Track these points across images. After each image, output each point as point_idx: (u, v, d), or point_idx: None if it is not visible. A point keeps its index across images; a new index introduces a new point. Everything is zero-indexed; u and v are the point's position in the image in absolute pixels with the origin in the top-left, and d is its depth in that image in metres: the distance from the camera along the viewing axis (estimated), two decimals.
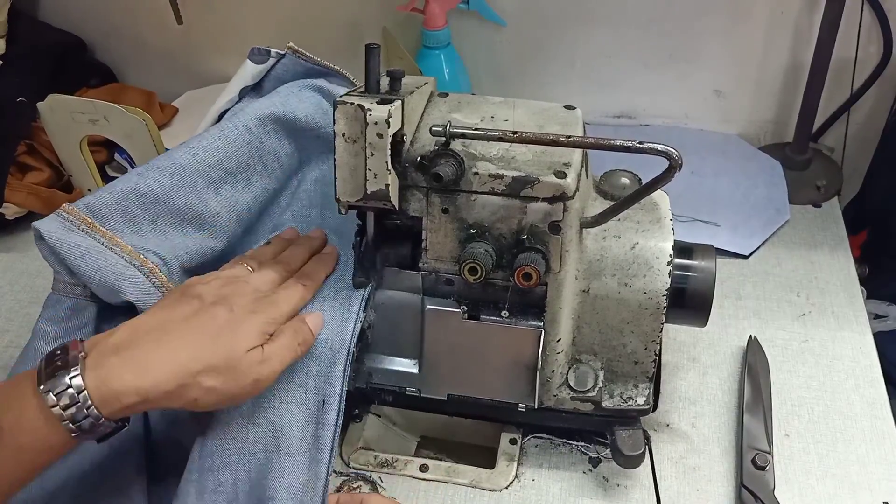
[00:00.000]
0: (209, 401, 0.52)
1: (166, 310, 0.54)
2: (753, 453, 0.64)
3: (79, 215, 0.61)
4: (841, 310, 0.79)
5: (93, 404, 0.48)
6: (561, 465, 0.66)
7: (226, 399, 0.53)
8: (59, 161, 0.91)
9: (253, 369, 0.53)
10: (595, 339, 0.62)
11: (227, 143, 0.65)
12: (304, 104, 0.68)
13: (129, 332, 0.52)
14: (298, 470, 0.56)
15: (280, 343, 0.55)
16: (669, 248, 0.60)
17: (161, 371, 0.50)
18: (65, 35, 1.08)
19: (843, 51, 0.90)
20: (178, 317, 0.53)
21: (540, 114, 0.62)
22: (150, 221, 0.63)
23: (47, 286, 0.84)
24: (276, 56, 0.73)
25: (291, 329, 0.56)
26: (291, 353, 0.56)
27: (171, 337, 0.52)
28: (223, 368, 0.52)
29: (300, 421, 0.57)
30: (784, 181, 0.93)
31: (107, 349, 0.51)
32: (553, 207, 0.56)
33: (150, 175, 0.63)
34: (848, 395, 0.71)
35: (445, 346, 0.62)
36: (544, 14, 0.97)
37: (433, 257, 0.60)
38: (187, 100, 1.08)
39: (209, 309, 0.54)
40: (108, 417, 0.49)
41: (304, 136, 0.69)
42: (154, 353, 0.51)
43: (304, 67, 0.72)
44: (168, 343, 0.52)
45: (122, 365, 0.50)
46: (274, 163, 0.68)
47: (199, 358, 0.51)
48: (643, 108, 1.03)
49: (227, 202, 0.66)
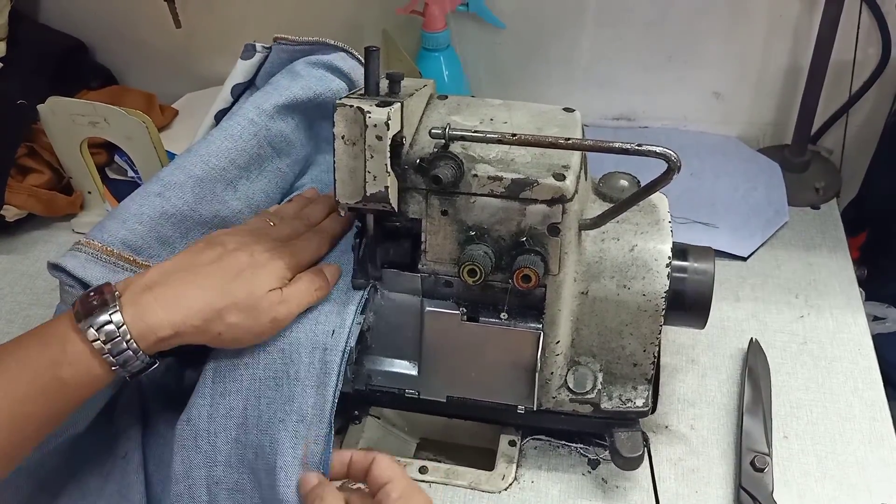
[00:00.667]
0: (231, 335, 0.56)
1: (193, 255, 0.58)
2: (752, 455, 0.65)
3: (120, 255, 0.62)
4: (840, 312, 0.79)
5: (132, 337, 0.52)
6: (560, 467, 0.66)
7: (246, 335, 0.57)
8: (60, 163, 0.91)
9: (272, 309, 0.57)
10: (594, 341, 0.62)
11: (234, 141, 0.66)
12: (298, 80, 0.70)
13: (160, 273, 0.56)
14: (307, 394, 0.58)
15: (298, 287, 0.59)
16: (668, 250, 0.60)
17: (190, 306, 0.54)
18: (65, 37, 1.08)
19: (842, 53, 0.90)
20: (203, 260, 0.57)
21: (539, 116, 0.62)
22: (181, 238, 0.65)
23: (47, 288, 0.86)
24: (263, 50, 0.74)
25: (309, 275, 0.60)
26: (308, 296, 0.59)
27: (197, 277, 0.56)
28: (244, 306, 0.56)
29: (307, 347, 0.59)
30: (783, 183, 0.93)
31: (139, 288, 0.55)
32: (552, 209, 0.56)
33: (172, 194, 0.63)
34: (847, 396, 0.71)
35: (445, 347, 0.63)
36: (543, 16, 0.97)
37: (432, 259, 0.60)
38: (187, 102, 1.08)
39: (232, 254, 0.58)
40: (145, 350, 0.53)
41: (307, 108, 0.70)
42: (183, 290, 0.55)
43: (290, 53, 0.73)
44: (195, 282, 0.56)
45: (156, 301, 0.54)
46: (282, 143, 0.70)
47: (223, 295, 0.55)
48: (642, 110, 1.03)
49: (246, 196, 0.68)
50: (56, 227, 0.94)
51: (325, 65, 0.71)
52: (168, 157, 0.86)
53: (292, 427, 0.57)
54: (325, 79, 0.70)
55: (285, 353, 0.59)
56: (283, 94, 0.68)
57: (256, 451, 0.58)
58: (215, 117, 0.75)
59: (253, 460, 0.58)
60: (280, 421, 0.57)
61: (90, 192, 0.92)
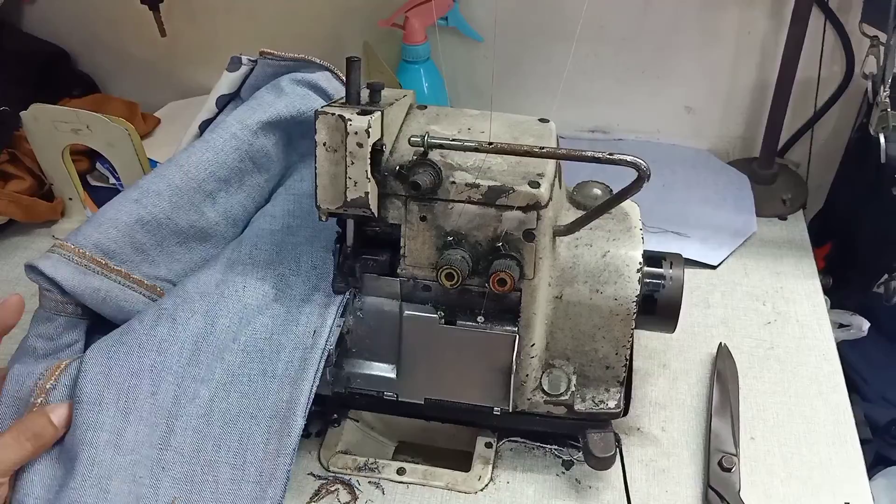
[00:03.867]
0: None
1: None
2: (720, 456, 0.67)
3: (92, 258, 0.62)
4: (805, 319, 0.82)
5: None
6: (535, 468, 0.68)
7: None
8: (41, 170, 0.92)
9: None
10: (568, 344, 0.64)
11: (216, 153, 0.67)
12: (282, 97, 0.71)
13: None
14: (283, 391, 0.58)
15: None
16: (639, 256, 0.62)
17: None
18: (48, 45, 1.09)
19: (807, 70, 0.94)
20: None
21: (515, 126, 0.64)
22: (156, 246, 0.65)
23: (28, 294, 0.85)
24: (249, 63, 0.75)
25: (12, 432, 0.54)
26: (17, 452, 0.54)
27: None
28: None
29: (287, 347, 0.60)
30: (751, 195, 0.96)
31: None
32: (527, 216, 0.58)
33: (148, 201, 0.64)
34: (811, 400, 0.73)
35: (423, 350, 0.64)
36: (521, 31, 0.99)
37: (411, 264, 0.62)
38: (170, 110, 1.09)
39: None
40: None
41: (288, 125, 0.71)
42: None
43: (275, 67, 0.74)
44: None
45: None
46: (263, 158, 0.71)
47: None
48: (617, 123, 1.06)
49: (224, 209, 0.68)
50: (37, 234, 0.94)
51: (309, 83, 0.72)
52: (150, 164, 0.87)
53: (265, 423, 0.58)
54: (309, 97, 0.72)
55: (264, 353, 0.60)
56: (267, 111, 0.69)
57: (218, 443, 0.58)
58: (199, 127, 0.77)
59: (212, 452, 0.58)
60: (251, 416, 0.58)
61: (71, 198, 0.93)
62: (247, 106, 0.70)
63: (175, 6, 1.02)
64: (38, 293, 0.63)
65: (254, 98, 0.72)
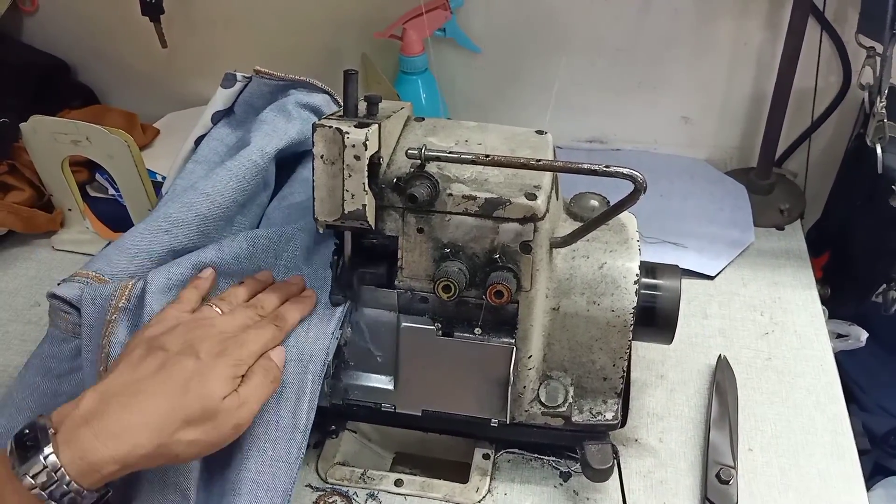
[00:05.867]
0: (191, 453, 0.52)
1: (131, 368, 0.53)
2: (718, 468, 0.66)
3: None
4: (803, 329, 0.82)
5: (71, 479, 0.47)
6: (532, 480, 0.68)
7: (208, 448, 0.53)
8: (41, 181, 0.92)
9: (232, 415, 0.53)
10: (565, 355, 0.64)
11: (239, 182, 0.69)
12: (293, 122, 0.74)
13: (97, 400, 0.50)
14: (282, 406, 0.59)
15: (254, 383, 0.55)
16: (636, 267, 0.63)
17: (136, 435, 0.49)
18: (48, 57, 1.09)
19: (804, 80, 0.94)
20: (144, 374, 0.52)
21: (512, 138, 0.64)
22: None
23: (27, 304, 0.86)
24: (243, 80, 0.77)
25: (261, 368, 0.56)
26: (266, 390, 0.56)
27: (140, 398, 0.50)
28: (201, 420, 0.51)
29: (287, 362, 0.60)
30: (749, 205, 0.96)
31: (76, 421, 0.49)
32: (524, 228, 0.58)
33: (179, 231, 0.66)
34: (809, 411, 0.73)
35: (420, 362, 0.64)
36: (519, 42, 1.00)
37: (408, 276, 0.62)
38: (169, 121, 1.09)
39: (175, 359, 0.53)
40: (89, 488, 0.48)
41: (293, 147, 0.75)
42: (125, 418, 0.49)
43: (271, 87, 0.77)
44: (138, 405, 0.50)
45: (95, 436, 0.48)
46: (270, 178, 0.74)
47: (173, 415, 0.50)
48: (614, 133, 1.06)
49: (238, 229, 0.70)
50: (36, 244, 0.94)
51: (312, 108, 0.76)
52: (150, 175, 0.87)
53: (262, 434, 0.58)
54: (311, 121, 0.73)
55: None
56: (282, 138, 0.72)
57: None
58: (195, 142, 0.78)
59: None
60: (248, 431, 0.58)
61: (70, 209, 0.93)
62: (262, 133, 0.72)
63: (175, 18, 1.03)
64: (51, 313, 0.63)
65: (265, 122, 0.74)
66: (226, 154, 0.77)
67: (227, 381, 0.53)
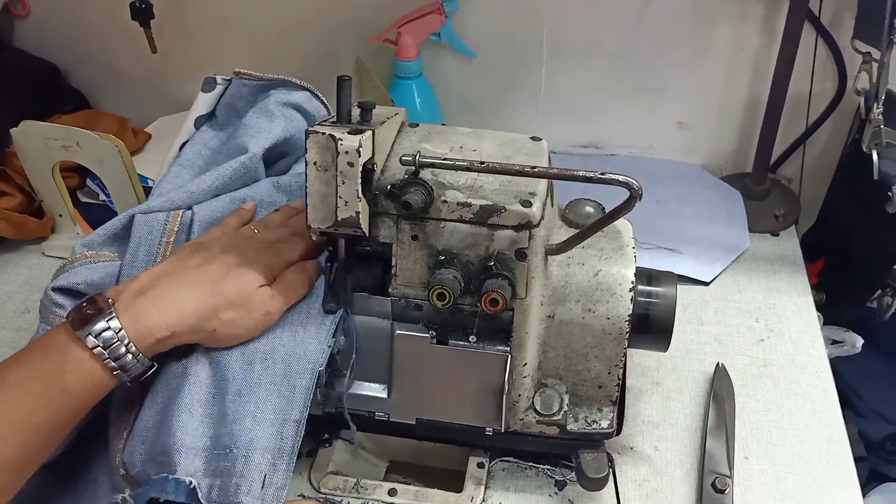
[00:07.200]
0: (227, 332, 0.58)
1: (181, 260, 0.61)
2: (713, 477, 0.66)
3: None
4: (798, 335, 0.81)
5: (130, 341, 0.54)
6: (527, 488, 0.67)
7: (241, 330, 0.59)
8: (31, 186, 0.91)
9: (265, 303, 0.60)
10: (560, 363, 0.64)
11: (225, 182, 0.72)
12: (276, 120, 0.75)
13: (150, 278, 0.58)
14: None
15: (286, 280, 0.62)
16: (631, 275, 0.62)
17: (184, 306, 0.57)
18: (38, 61, 1.08)
19: (799, 86, 0.94)
20: (191, 264, 0.60)
21: (507, 144, 0.64)
22: None
23: (17, 311, 0.85)
24: (223, 82, 0.78)
25: (294, 270, 0.63)
26: (298, 289, 0.62)
27: (188, 278, 0.58)
28: (238, 302, 0.58)
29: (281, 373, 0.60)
30: (744, 210, 0.96)
31: (132, 293, 0.57)
32: (519, 235, 0.58)
33: None
34: (805, 418, 0.73)
35: (414, 370, 0.63)
36: (514, 47, 0.99)
37: (403, 283, 0.61)
38: (161, 125, 1.09)
39: (218, 257, 0.61)
40: (143, 353, 0.55)
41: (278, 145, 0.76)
42: (175, 292, 0.57)
43: (251, 87, 0.77)
44: (186, 283, 0.58)
45: (150, 304, 0.56)
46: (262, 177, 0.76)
47: (214, 293, 0.58)
48: (609, 139, 1.06)
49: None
50: (27, 250, 0.93)
51: (294, 105, 0.77)
52: (141, 180, 0.86)
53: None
54: (294, 118, 0.77)
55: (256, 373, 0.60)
56: (268, 138, 0.74)
57: None
58: (179, 148, 0.79)
59: None
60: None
61: (61, 215, 0.92)
62: (247, 136, 0.74)
63: (166, 22, 1.02)
64: (42, 311, 0.65)
65: (249, 126, 0.75)
66: (209, 157, 0.78)
67: (263, 276, 0.60)
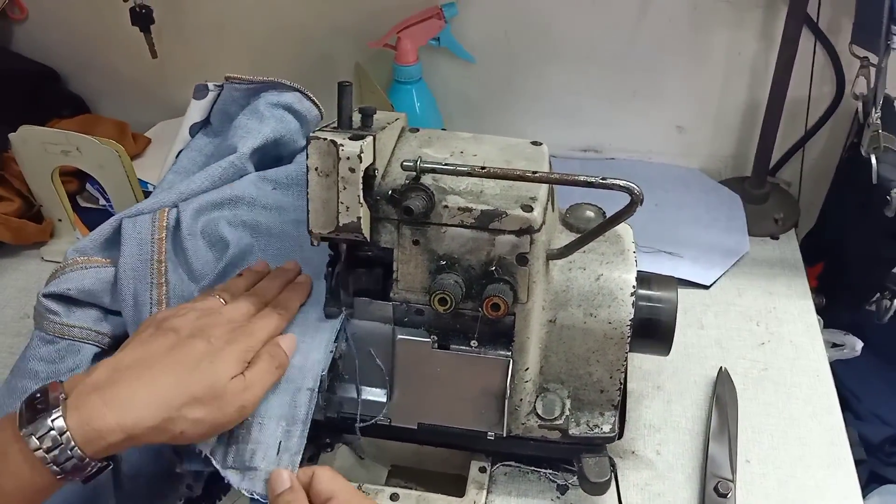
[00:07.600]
0: (196, 432, 0.53)
1: (144, 345, 0.55)
2: (716, 481, 0.66)
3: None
4: (799, 339, 0.81)
5: (76, 445, 0.48)
6: (529, 493, 0.67)
7: (212, 429, 0.54)
8: (30, 191, 0.91)
9: (237, 397, 0.54)
10: (562, 367, 0.64)
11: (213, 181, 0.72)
12: (266, 122, 0.76)
13: (109, 370, 0.52)
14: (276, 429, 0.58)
15: (259, 368, 0.56)
16: (633, 279, 0.62)
17: (144, 407, 0.50)
18: (38, 66, 1.08)
19: (798, 90, 0.94)
20: (156, 351, 0.54)
21: (507, 149, 0.64)
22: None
23: (15, 316, 0.85)
24: (215, 89, 0.79)
25: (268, 354, 0.58)
26: (271, 376, 0.57)
27: (151, 371, 0.52)
28: (207, 398, 0.52)
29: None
30: (743, 214, 0.96)
31: (87, 388, 0.50)
32: (520, 240, 0.58)
33: None
34: (806, 421, 0.73)
35: (416, 375, 0.63)
36: (513, 52, 1.00)
37: (404, 288, 0.61)
38: (160, 130, 1.09)
39: (186, 341, 0.54)
40: (93, 457, 0.49)
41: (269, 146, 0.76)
42: (135, 389, 0.51)
43: (242, 91, 0.78)
44: (149, 378, 0.52)
45: (104, 404, 0.49)
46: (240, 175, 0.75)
47: (181, 390, 0.51)
48: (609, 143, 1.06)
49: None
50: (26, 256, 0.93)
51: (284, 105, 0.77)
52: (140, 185, 0.86)
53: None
54: (285, 119, 0.77)
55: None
56: (257, 138, 0.74)
57: None
58: (176, 157, 0.79)
59: None
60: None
61: (61, 220, 0.92)
62: (237, 136, 0.74)
63: (166, 28, 1.02)
64: (36, 317, 0.64)
65: (239, 128, 0.75)
66: (204, 163, 0.78)
67: (235, 364, 0.55)
